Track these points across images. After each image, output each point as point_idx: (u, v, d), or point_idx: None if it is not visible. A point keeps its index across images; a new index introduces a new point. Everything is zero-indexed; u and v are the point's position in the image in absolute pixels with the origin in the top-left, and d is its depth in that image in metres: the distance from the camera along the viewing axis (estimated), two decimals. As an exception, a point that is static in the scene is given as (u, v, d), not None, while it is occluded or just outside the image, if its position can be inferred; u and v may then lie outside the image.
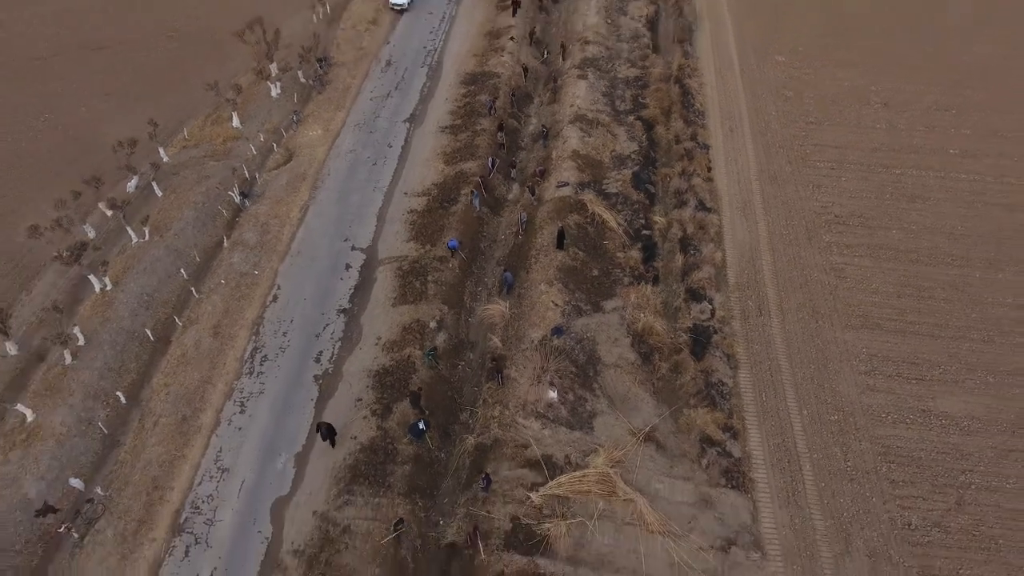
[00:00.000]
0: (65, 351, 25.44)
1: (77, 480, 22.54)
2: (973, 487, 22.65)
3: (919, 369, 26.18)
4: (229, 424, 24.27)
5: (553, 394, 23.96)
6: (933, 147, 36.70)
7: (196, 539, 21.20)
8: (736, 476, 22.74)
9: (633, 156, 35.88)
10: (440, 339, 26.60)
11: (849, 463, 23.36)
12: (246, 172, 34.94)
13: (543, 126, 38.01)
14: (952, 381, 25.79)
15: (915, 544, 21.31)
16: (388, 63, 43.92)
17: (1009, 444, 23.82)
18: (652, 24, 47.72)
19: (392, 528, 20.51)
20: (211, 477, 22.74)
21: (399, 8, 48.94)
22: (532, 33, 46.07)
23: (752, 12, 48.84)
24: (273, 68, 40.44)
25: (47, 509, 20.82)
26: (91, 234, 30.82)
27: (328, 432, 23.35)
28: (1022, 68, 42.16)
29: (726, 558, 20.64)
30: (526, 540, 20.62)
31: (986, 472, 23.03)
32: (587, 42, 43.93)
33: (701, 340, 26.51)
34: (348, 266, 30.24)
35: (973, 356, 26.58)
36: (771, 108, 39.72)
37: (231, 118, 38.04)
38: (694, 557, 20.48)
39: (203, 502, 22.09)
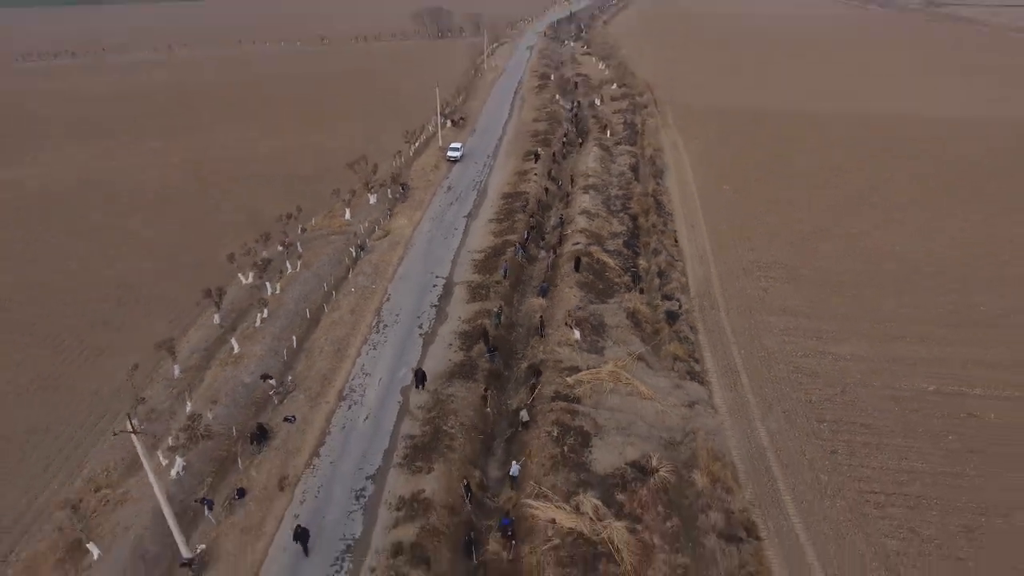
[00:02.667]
0: (257, 315, 39.23)
1: (270, 379, 35.01)
2: (852, 384, 34.96)
3: (820, 333, 39.50)
4: (367, 355, 37.15)
5: (577, 334, 37.23)
6: (838, 230, 52.94)
7: (354, 402, 33.24)
8: (697, 376, 35.28)
9: (623, 233, 52.21)
10: (502, 316, 40.29)
11: (771, 374, 35.90)
12: (359, 240, 51.01)
13: (560, 217, 54.98)
14: (842, 339, 38.95)
15: (813, 408, 33.24)
16: (449, 188, 62.56)
17: (877, 367, 36.41)
18: (634, 169, 67.40)
19: (483, 391, 32.87)
20: (359, 376, 35.22)
21: (453, 159, 69.24)
22: (549, 172, 65.47)
23: (706, 163, 68.98)
24: (372, 187, 58.66)
25: (265, 376, 33.40)
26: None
27: (421, 378, 35.84)
28: (888, 191, 60.47)
29: (691, 410, 32.57)
30: (565, 398, 32.74)
31: (861, 379, 35.41)
32: (588, 175, 62.94)
33: (672, 317, 40.25)
34: (434, 285, 44.82)
35: (858, 327, 39.88)
36: (720, 211, 57.02)
37: (344, 213, 55.19)
38: (671, 408, 32.46)
39: (356, 387, 34.38)
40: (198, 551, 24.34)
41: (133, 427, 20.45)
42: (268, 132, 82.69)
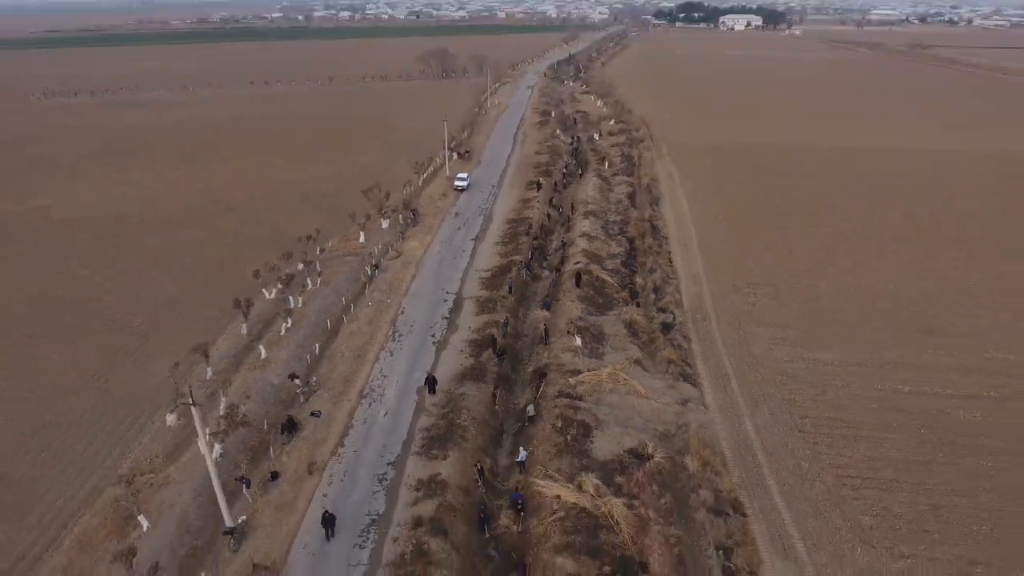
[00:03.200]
0: (282, 324, 42.37)
1: (297, 379, 37.95)
2: (833, 386, 37.87)
3: (804, 341, 42.53)
4: (385, 360, 40.13)
5: (578, 341, 40.29)
6: (821, 269, 55.75)
7: (374, 400, 36.10)
8: (690, 379, 38.22)
9: (621, 254, 55.69)
10: (508, 326, 43.42)
11: (758, 376, 38.85)
12: (374, 260, 54.48)
13: (562, 240, 58.55)
14: (824, 347, 41.98)
15: (796, 406, 36.10)
16: (457, 214, 66.39)
17: (855, 371, 39.36)
18: (631, 197, 71.36)
19: (493, 390, 35.77)
20: (378, 378, 38.16)
21: (460, 189, 73.30)
22: (551, 200, 69.38)
23: (701, 194, 72.96)
24: (385, 213, 62.43)
25: (293, 375, 36.35)
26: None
27: (432, 384, 38.74)
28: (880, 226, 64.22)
29: (684, 407, 35.43)
30: (568, 396, 35.63)
31: (841, 380, 38.32)
32: (587, 203, 66.79)
33: (667, 327, 43.36)
34: (445, 300, 48.04)
35: (837, 337, 43.03)
36: (713, 234, 60.61)
37: (359, 236, 58.78)
38: (666, 405, 35.33)
39: (375, 387, 37.28)
40: (239, 521, 27.00)
41: (193, 400, 23.44)
42: (286, 163, 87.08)
